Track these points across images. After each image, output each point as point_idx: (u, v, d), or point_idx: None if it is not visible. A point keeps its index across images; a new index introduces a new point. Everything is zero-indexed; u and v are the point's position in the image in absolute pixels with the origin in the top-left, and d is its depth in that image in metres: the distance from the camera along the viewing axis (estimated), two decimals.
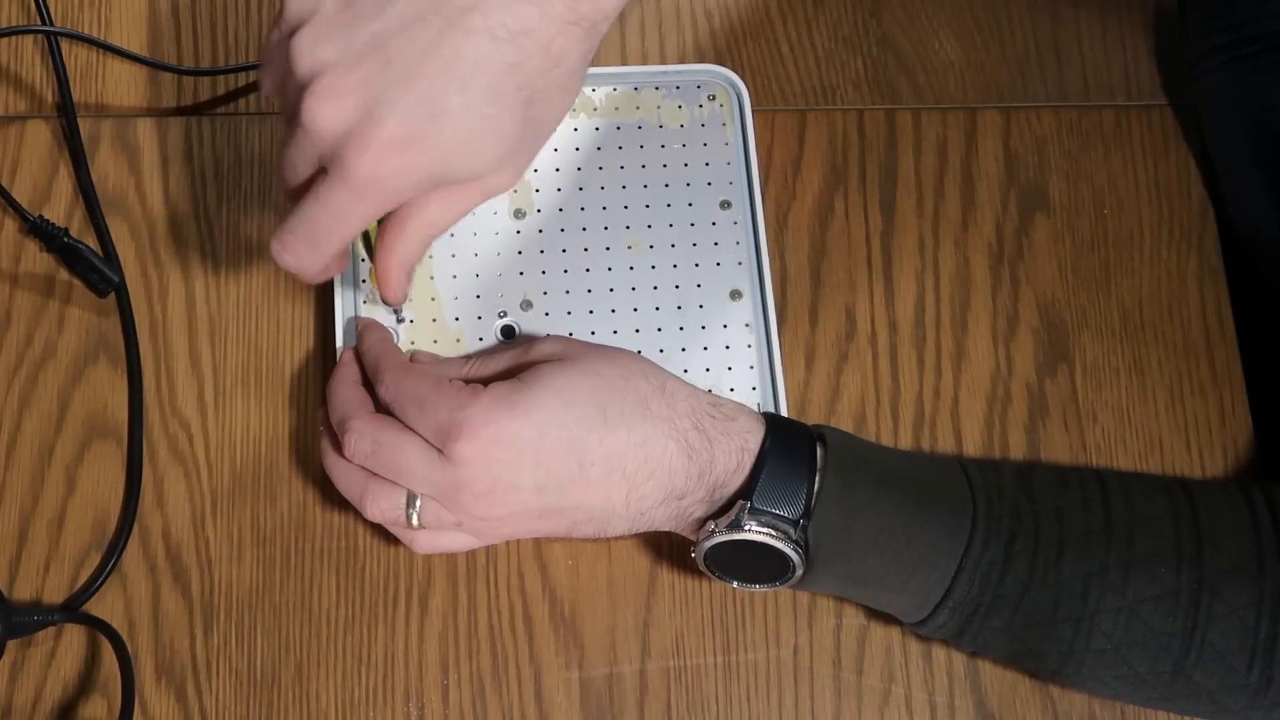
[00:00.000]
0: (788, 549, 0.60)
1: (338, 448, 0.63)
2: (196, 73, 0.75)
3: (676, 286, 0.71)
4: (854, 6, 0.80)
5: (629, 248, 0.71)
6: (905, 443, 0.72)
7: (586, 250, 0.71)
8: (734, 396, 0.69)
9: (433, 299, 0.69)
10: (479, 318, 0.69)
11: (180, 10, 0.76)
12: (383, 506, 0.62)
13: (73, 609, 0.66)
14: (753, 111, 0.74)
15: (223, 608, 0.67)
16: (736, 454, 0.61)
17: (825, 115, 0.78)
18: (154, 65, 0.75)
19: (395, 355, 0.65)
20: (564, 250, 0.71)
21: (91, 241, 0.71)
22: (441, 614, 0.67)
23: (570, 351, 0.63)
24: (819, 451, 0.62)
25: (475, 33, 0.55)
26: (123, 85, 0.75)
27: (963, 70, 0.79)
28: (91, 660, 0.66)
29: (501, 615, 0.68)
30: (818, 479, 0.61)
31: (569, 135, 0.73)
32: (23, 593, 0.66)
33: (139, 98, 0.75)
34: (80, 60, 0.75)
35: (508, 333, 0.69)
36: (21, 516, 0.67)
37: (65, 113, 0.74)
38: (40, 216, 0.71)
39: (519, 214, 0.71)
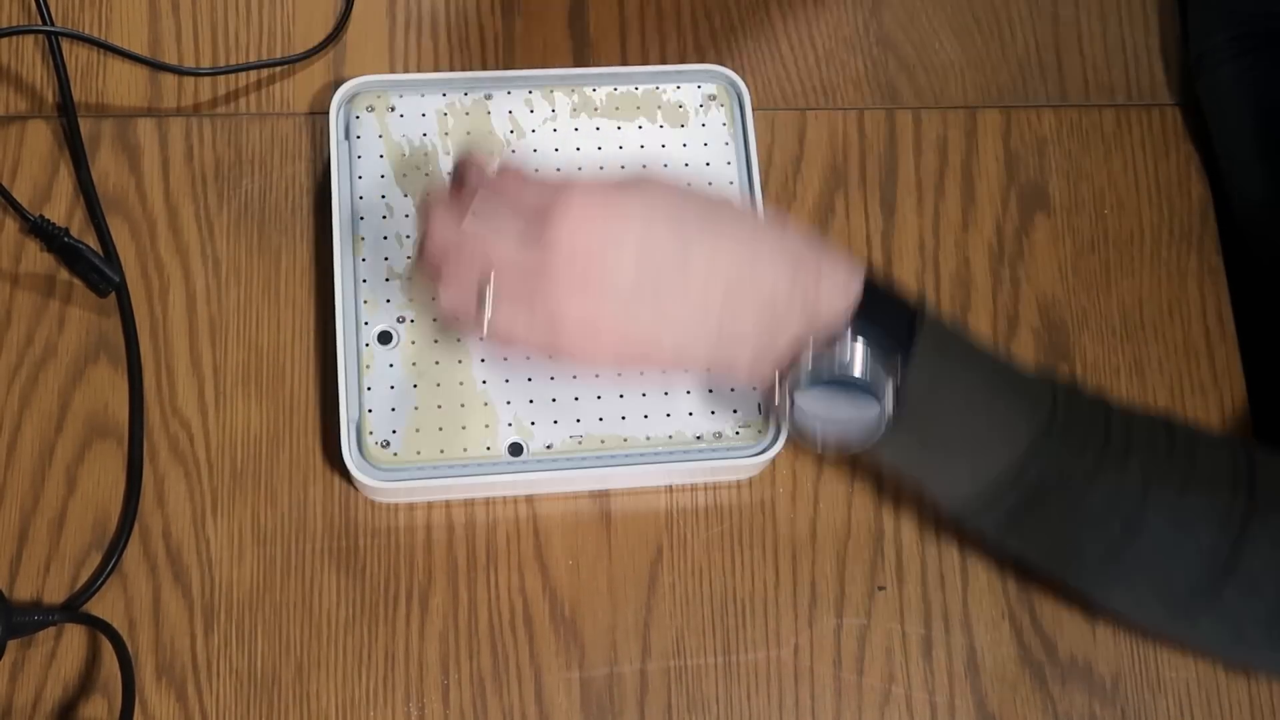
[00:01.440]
0: (883, 387, 0.58)
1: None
2: (196, 73, 0.75)
3: None
4: (854, 6, 0.80)
5: None
6: None
7: None
8: (734, 396, 0.69)
9: (433, 299, 0.69)
10: None
11: (180, 10, 0.77)
12: (453, 296, 0.57)
13: (73, 609, 0.66)
14: (753, 111, 0.74)
15: (223, 608, 0.67)
16: (842, 289, 0.58)
17: (825, 115, 0.78)
18: (154, 65, 0.75)
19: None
20: None
21: (92, 241, 0.71)
22: (441, 614, 0.67)
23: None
24: (915, 310, 0.60)
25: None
26: (123, 85, 0.75)
27: (963, 70, 0.79)
28: (91, 660, 0.66)
29: (501, 615, 0.68)
30: (917, 330, 0.59)
31: (569, 135, 0.73)
32: (23, 593, 0.66)
33: (139, 98, 0.75)
34: (80, 60, 0.75)
35: None
36: (21, 516, 0.67)
37: (66, 113, 0.74)
38: (41, 216, 0.71)
39: None
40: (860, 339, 0.58)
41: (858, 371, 0.57)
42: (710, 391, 0.69)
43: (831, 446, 0.63)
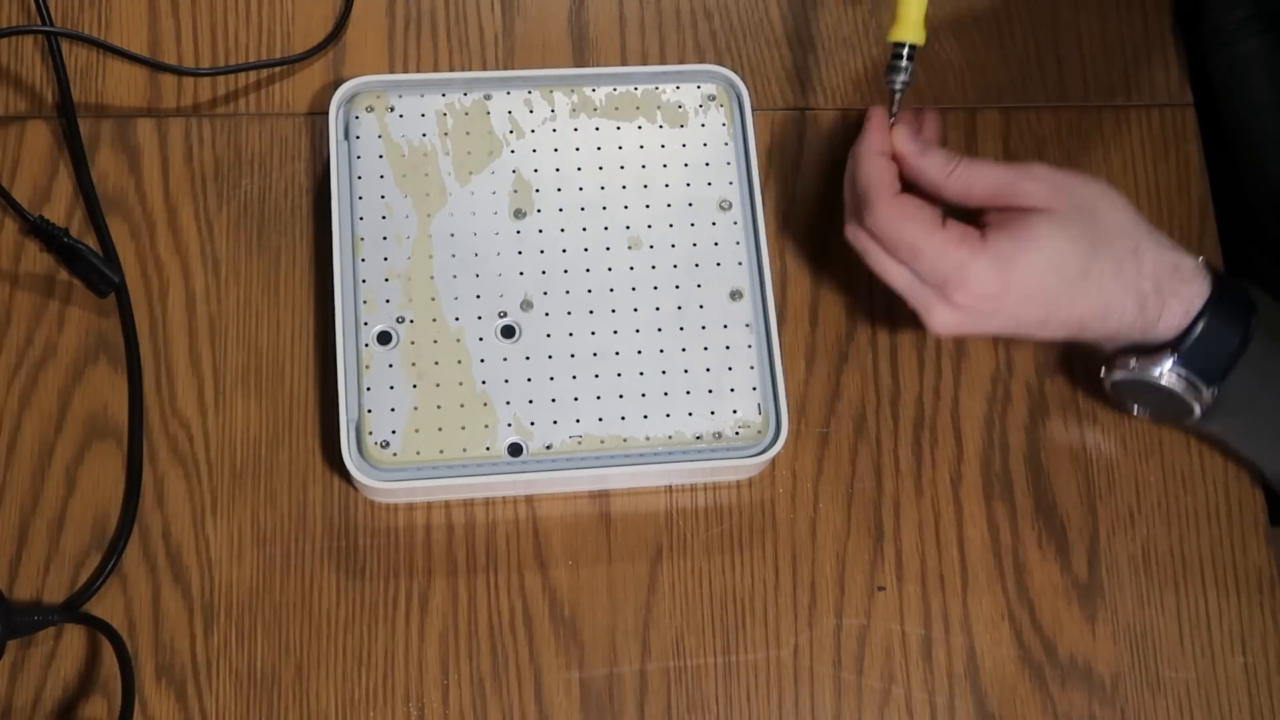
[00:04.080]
0: (1194, 403, 0.65)
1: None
2: (196, 73, 0.75)
3: (676, 286, 0.71)
4: (854, 6, 0.80)
5: (629, 248, 0.71)
6: (905, 443, 0.72)
7: (586, 250, 0.71)
8: (734, 397, 0.69)
9: (433, 299, 0.69)
10: (479, 318, 0.69)
11: (180, 10, 0.76)
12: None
13: (73, 609, 0.66)
14: (753, 111, 0.74)
15: (223, 608, 0.67)
16: (1182, 314, 0.65)
17: (825, 115, 0.78)
18: (154, 65, 0.75)
19: (889, 183, 0.66)
20: (564, 250, 0.71)
21: (91, 242, 0.71)
22: (441, 614, 0.67)
23: (1058, 201, 0.65)
24: (1251, 321, 0.65)
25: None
26: (123, 85, 0.75)
27: (963, 70, 0.79)
28: (91, 660, 0.66)
29: (501, 615, 0.68)
30: (1244, 349, 0.65)
31: (569, 135, 0.73)
32: (23, 593, 0.66)
33: (139, 98, 0.75)
34: (80, 60, 0.75)
35: (508, 333, 0.69)
36: (21, 516, 0.67)
37: (65, 113, 0.74)
38: (40, 216, 0.71)
39: (519, 214, 0.71)
40: (1179, 363, 0.65)
41: (1172, 385, 0.65)
42: (710, 392, 0.69)
43: (1153, 419, 0.72)
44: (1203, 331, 0.64)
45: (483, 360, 0.68)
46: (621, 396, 0.68)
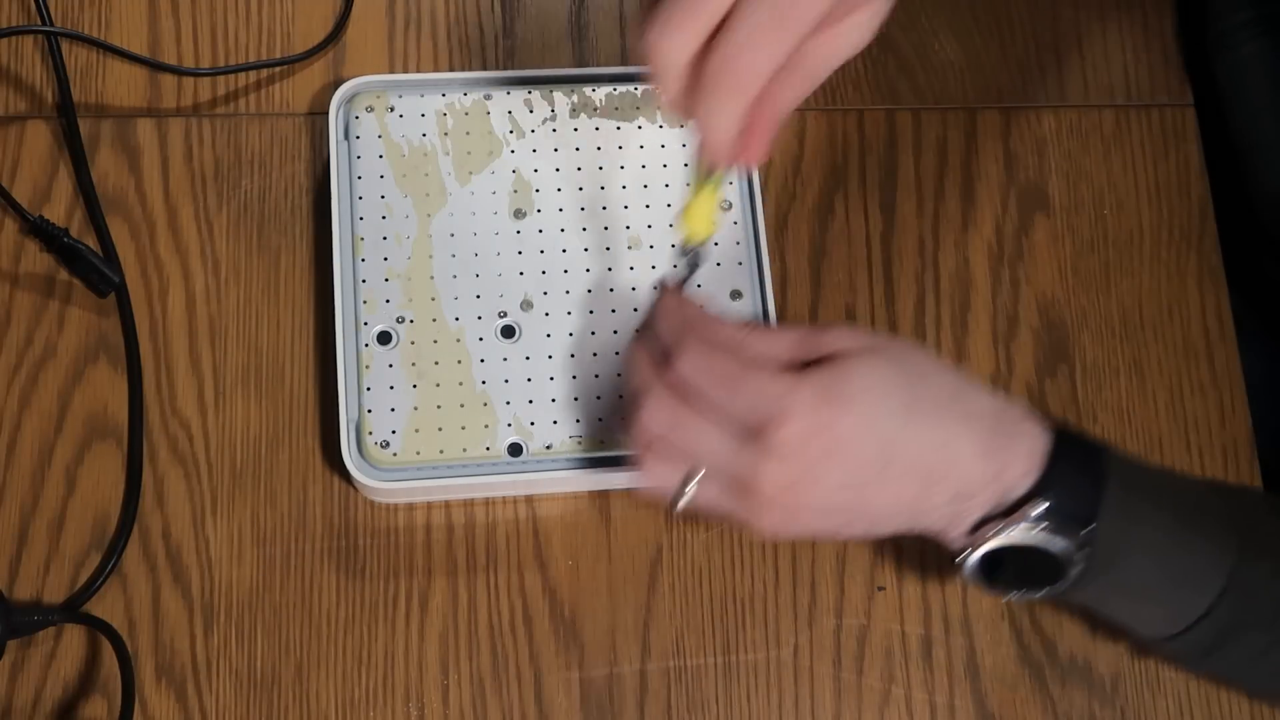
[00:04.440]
0: (1070, 553, 0.59)
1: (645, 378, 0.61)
2: (196, 73, 0.75)
3: None
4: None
5: (629, 248, 0.71)
6: None
7: (586, 250, 0.71)
8: None
9: (433, 299, 0.69)
10: (479, 318, 0.69)
11: (180, 10, 0.76)
12: (658, 474, 0.60)
13: (73, 609, 0.66)
14: None
15: (223, 608, 0.67)
16: (1027, 457, 0.59)
17: (825, 115, 0.78)
18: (154, 65, 0.75)
19: (698, 323, 0.61)
20: (564, 250, 0.71)
21: (91, 241, 0.71)
22: (441, 614, 0.67)
23: (867, 343, 0.60)
24: (1103, 460, 0.61)
25: None
26: (123, 85, 0.75)
27: (963, 70, 0.79)
28: (91, 660, 0.66)
29: (501, 615, 0.68)
30: (1103, 487, 0.60)
31: (569, 135, 0.73)
32: (23, 593, 0.66)
33: (139, 98, 0.75)
34: (80, 60, 0.75)
35: (508, 333, 0.69)
36: (21, 516, 0.67)
37: (65, 113, 0.74)
38: (40, 216, 0.71)
39: (519, 214, 0.71)
40: (1043, 508, 0.59)
41: (1038, 543, 0.59)
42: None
43: (1014, 597, 0.65)
44: (1059, 472, 0.59)
45: (483, 360, 0.68)
46: (622, 396, 0.68)
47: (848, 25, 0.55)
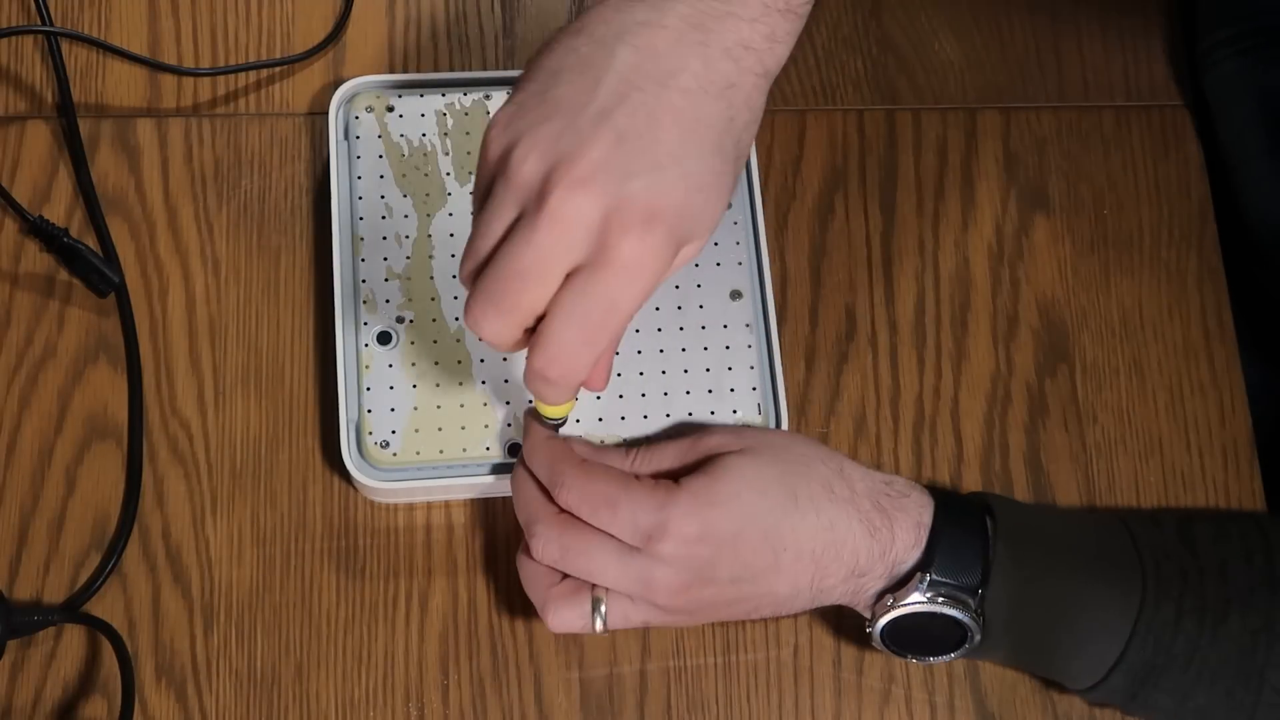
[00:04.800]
0: (966, 618, 0.61)
1: (527, 549, 0.62)
2: (196, 73, 0.75)
3: (676, 286, 0.71)
4: (854, 6, 0.80)
5: None
6: (905, 443, 0.72)
7: None
8: (734, 397, 0.69)
9: (432, 299, 0.69)
10: None
11: (180, 10, 0.77)
12: (566, 618, 0.61)
13: (73, 609, 0.66)
14: None
15: (223, 608, 0.67)
16: (913, 529, 0.62)
17: (825, 115, 0.78)
18: (154, 65, 0.75)
19: (568, 455, 0.62)
20: None
21: (91, 241, 0.71)
22: (441, 614, 0.67)
23: (745, 440, 0.63)
24: (988, 522, 0.63)
25: (690, 92, 0.54)
26: (123, 85, 0.75)
27: (963, 70, 0.79)
28: (91, 660, 0.66)
29: (501, 615, 0.68)
30: (990, 550, 0.62)
31: None
32: (23, 593, 0.66)
33: (139, 98, 0.75)
34: (80, 60, 0.75)
35: None
36: (21, 516, 0.67)
37: (65, 113, 0.74)
38: (40, 216, 0.71)
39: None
40: (935, 580, 0.61)
41: (939, 610, 0.61)
42: (710, 392, 0.69)
43: (930, 662, 0.67)
44: (945, 541, 0.61)
45: (482, 360, 0.68)
46: (621, 396, 0.68)
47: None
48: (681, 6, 0.55)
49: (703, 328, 0.70)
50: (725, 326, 0.70)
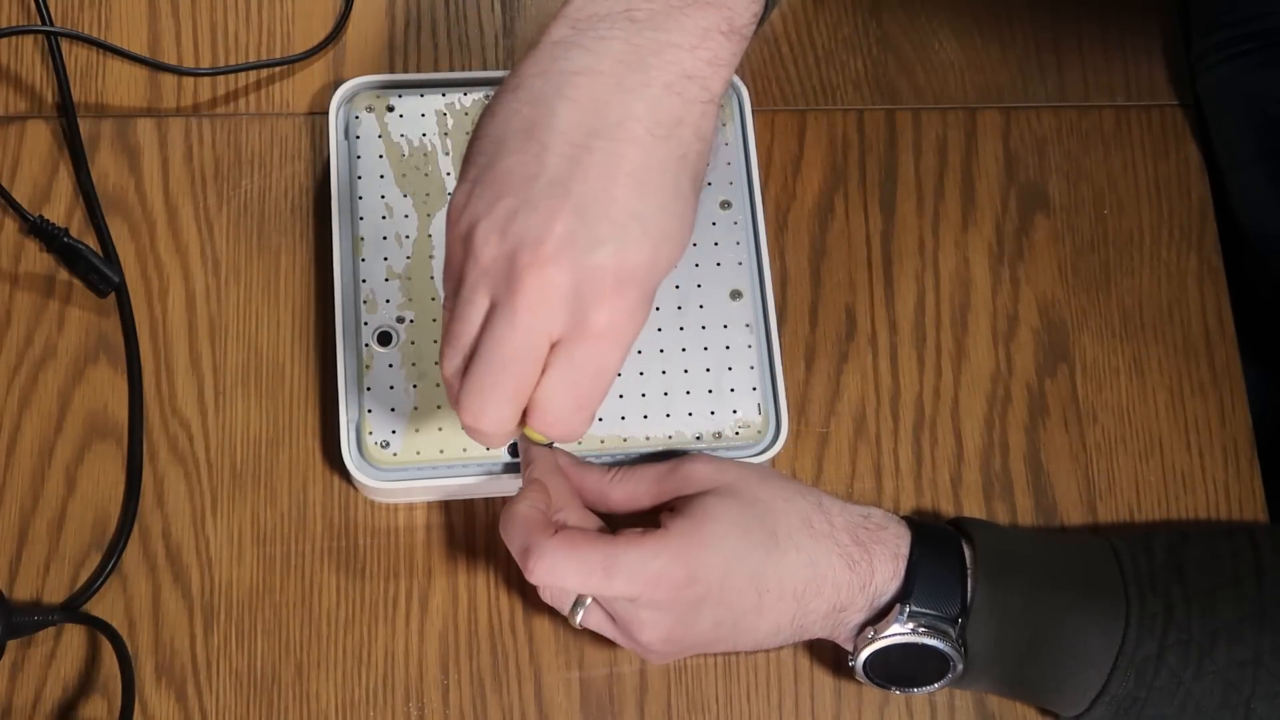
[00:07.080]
0: (947, 647, 0.61)
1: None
2: (196, 73, 0.75)
3: (676, 286, 0.71)
4: (854, 6, 0.80)
5: None
6: (905, 443, 0.72)
7: None
8: (734, 397, 0.69)
9: (433, 299, 0.69)
10: None
11: (180, 10, 0.77)
12: (552, 591, 0.62)
13: (73, 609, 0.66)
14: (753, 111, 0.74)
15: (223, 608, 0.67)
16: (892, 561, 0.62)
17: (825, 115, 0.78)
18: (154, 65, 0.75)
19: (544, 525, 0.60)
20: None
21: (91, 241, 0.71)
22: (441, 614, 0.67)
23: (724, 477, 0.63)
24: (967, 552, 0.63)
25: (639, 139, 0.53)
26: (123, 85, 0.75)
27: (963, 70, 0.79)
28: (91, 660, 0.66)
29: (501, 615, 0.68)
30: (969, 580, 0.62)
31: None
32: (23, 593, 0.66)
33: (139, 98, 0.75)
34: (80, 60, 0.75)
35: None
36: (21, 516, 0.67)
37: (65, 113, 0.74)
38: (40, 216, 0.71)
39: None
40: (915, 610, 0.61)
41: (921, 641, 0.61)
42: (710, 392, 0.69)
43: (914, 693, 0.67)
44: (923, 572, 0.61)
45: None
46: (621, 396, 0.68)
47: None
48: (616, 45, 0.54)
49: (703, 328, 0.70)
50: (725, 326, 0.70)
